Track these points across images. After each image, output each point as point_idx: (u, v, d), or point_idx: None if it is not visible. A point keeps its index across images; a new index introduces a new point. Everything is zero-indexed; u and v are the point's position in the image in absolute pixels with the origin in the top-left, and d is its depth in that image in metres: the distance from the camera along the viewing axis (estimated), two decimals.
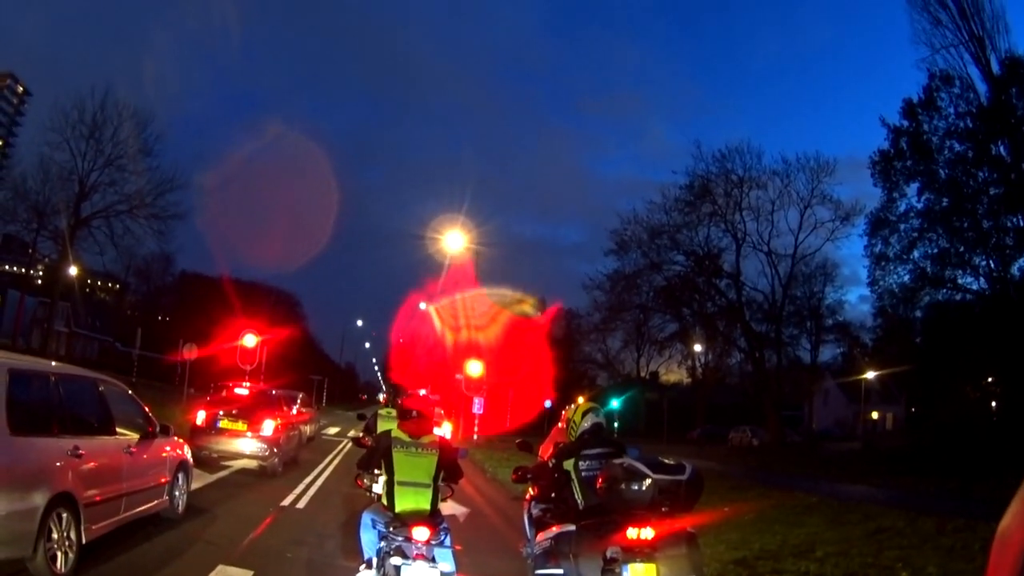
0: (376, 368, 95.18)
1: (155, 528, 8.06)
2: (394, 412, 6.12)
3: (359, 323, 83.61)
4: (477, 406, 30.34)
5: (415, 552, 5.43)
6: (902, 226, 38.60)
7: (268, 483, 13.38)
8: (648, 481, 5.12)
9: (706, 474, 5.69)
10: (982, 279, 36.82)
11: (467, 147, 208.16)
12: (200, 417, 14.24)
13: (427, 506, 5.82)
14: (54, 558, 5.88)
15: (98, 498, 6.58)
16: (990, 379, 41.27)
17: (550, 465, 6.52)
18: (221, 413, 14.26)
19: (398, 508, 5.76)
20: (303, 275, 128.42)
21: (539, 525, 6.47)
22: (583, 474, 6.13)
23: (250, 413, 14.39)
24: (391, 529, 5.60)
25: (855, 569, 8.22)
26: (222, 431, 14.04)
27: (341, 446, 22.23)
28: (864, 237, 40.93)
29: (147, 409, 8.43)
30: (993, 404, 40.56)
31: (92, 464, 6.55)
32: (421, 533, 5.45)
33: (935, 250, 37.73)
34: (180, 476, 8.98)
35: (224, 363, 32.60)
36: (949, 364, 38.42)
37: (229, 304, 48.42)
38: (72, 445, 6.27)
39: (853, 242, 75.54)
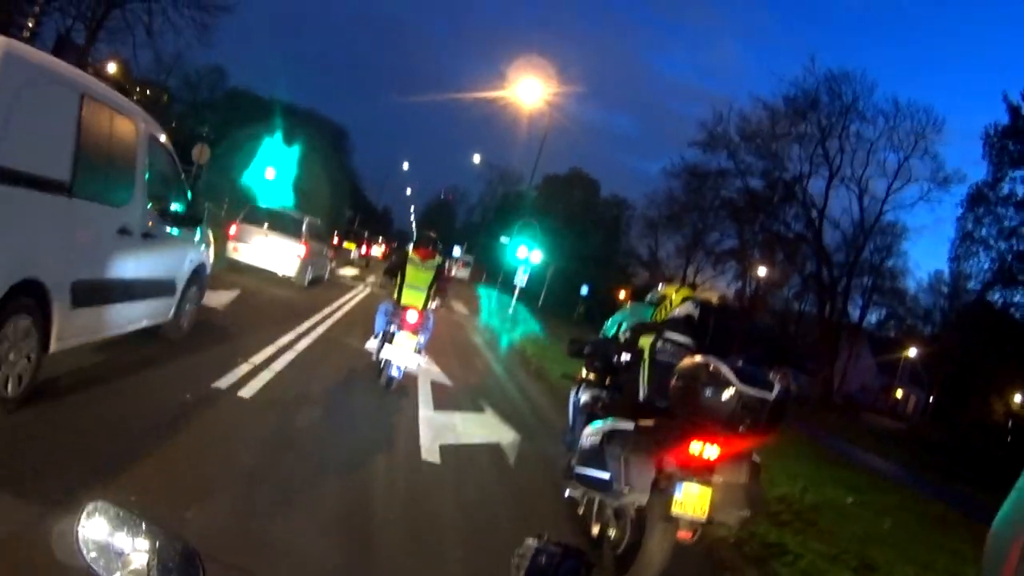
0: (412, 219, 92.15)
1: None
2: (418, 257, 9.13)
3: (405, 166, 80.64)
4: (519, 276, 29.04)
5: (407, 326, 8.61)
6: (999, 209, 37.34)
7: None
8: (732, 391, 4.34)
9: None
10: None
11: (529, 17, 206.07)
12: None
13: (420, 303, 8.90)
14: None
15: None
16: (1017, 398, 40.34)
17: (621, 339, 5.82)
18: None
19: (403, 301, 8.90)
20: (355, 111, 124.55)
21: (587, 415, 5.78)
22: (658, 357, 5.38)
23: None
24: (394, 313, 8.80)
25: None
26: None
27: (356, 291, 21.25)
28: (959, 207, 39.80)
29: None
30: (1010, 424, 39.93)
31: None
32: (412, 315, 8.70)
33: (1022, 247, 36.50)
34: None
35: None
36: (984, 368, 38.03)
37: (274, 125, 47.30)
38: None
39: (937, 208, 71.65)
